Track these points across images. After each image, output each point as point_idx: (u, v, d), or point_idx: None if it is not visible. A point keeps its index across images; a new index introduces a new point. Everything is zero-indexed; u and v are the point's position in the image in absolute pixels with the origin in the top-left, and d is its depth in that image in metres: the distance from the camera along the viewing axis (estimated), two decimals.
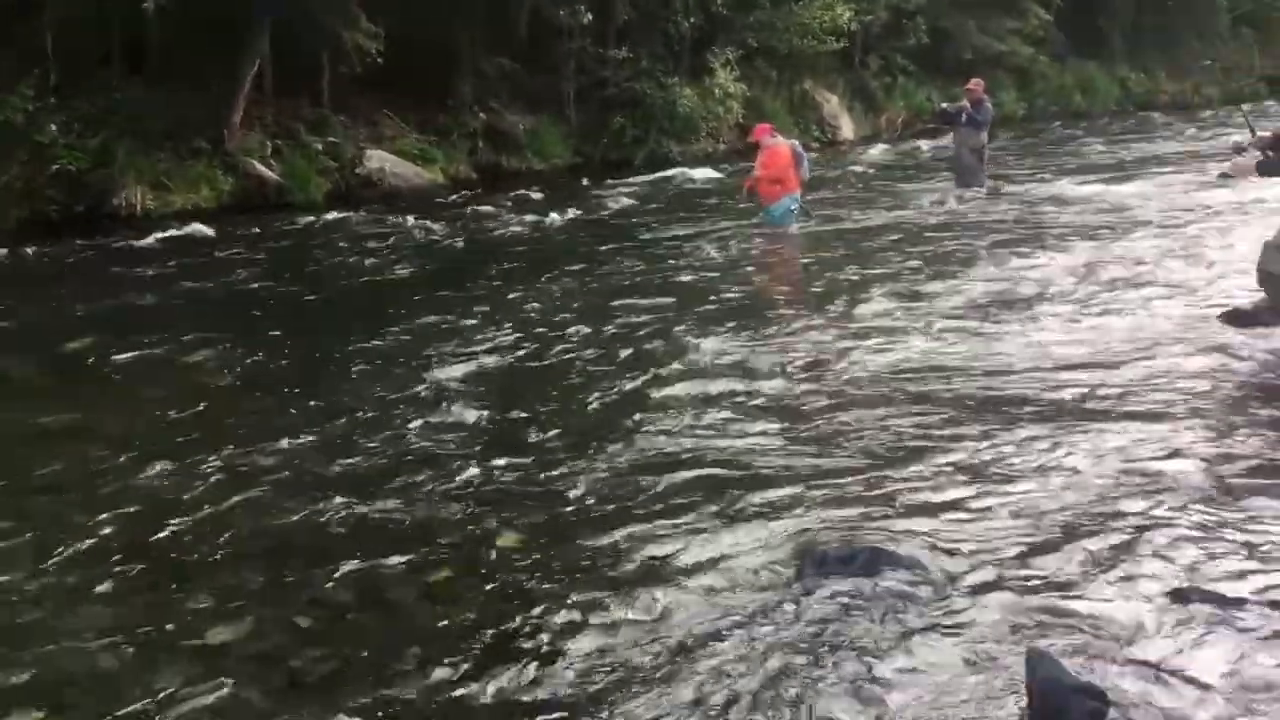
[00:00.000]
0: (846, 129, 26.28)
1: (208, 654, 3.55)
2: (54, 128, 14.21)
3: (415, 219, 14.14)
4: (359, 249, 12.12)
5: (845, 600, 3.61)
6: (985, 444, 4.99)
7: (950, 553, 3.89)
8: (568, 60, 21.03)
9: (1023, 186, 15.21)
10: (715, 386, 6.18)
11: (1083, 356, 6.42)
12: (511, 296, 9.20)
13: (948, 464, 4.78)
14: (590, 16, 19.79)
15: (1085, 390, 5.74)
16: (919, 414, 5.50)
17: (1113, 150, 20.99)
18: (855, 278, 9.25)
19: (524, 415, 5.89)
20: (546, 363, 7.04)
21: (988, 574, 3.75)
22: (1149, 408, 5.40)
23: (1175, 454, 4.73)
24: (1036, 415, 5.37)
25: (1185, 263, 9.23)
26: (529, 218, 14.13)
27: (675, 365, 6.72)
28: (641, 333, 7.68)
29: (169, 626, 3.72)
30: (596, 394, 6.22)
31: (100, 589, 4.02)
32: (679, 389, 6.18)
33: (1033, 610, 3.49)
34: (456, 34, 19.13)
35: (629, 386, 6.33)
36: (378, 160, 17.58)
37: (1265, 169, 6.69)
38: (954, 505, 4.34)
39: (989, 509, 4.28)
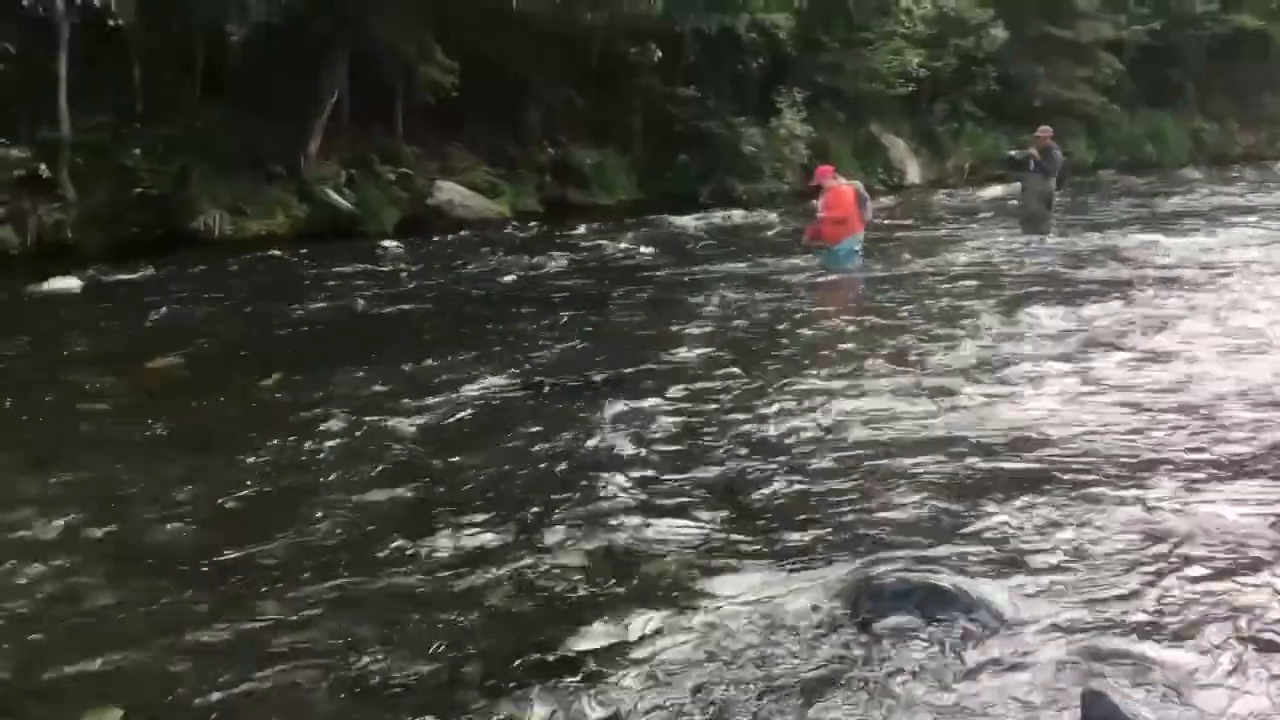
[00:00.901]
0: (913, 173, 26.26)
1: (271, 659, 3.65)
2: (138, 151, 14.68)
3: (479, 251, 14.42)
4: (425, 279, 12.34)
5: (901, 635, 3.62)
6: (1045, 488, 4.96)
7: (1007, 591, 3.88)
8: (635, 96, 21.30)
9: (1091, 235, 15.06)
10: (775, 426, 6.20)
11: (1152, 401, 6.36)
12: (564, 326, 9.42)
13: (1005, 506, 4.76)
14: (660, 54, 20.05)
15: (1153, 440, 5.69)
16: (976, 457, 5.48)
17: (1182, 201, 20.72)
18: (916, 325, 9.18)
19: (571, 445, 5.97)
20: (589, 394, 7.13)
21: (1045, 614, 3.73)
22: (1214, 458, 5.34)
23: (1242, 505, 4.68)
24: (1099, 462, 5.33)
25: (1261, 315, 9.08)
26: (588, 253, 14.34)
27: (741, 403, 6.77)
28: (706, 370, 7.74)
29: (240, 629, 3.84)
30: (651, 428, 6.27)
31: (168, 593, 4.15)
32: (744, 427, 6.22)
33: (1089, 651, 3.47)
34: (527, 68, 19.48)
35: (681, 421, 6.37)
36: (447, 192, 17.94)
37: None
38: (1012, 545, 4.33)
39: (1048, 550, 4.27)
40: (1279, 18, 34.40)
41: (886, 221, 16.05)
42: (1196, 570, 4.00)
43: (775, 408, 6.48)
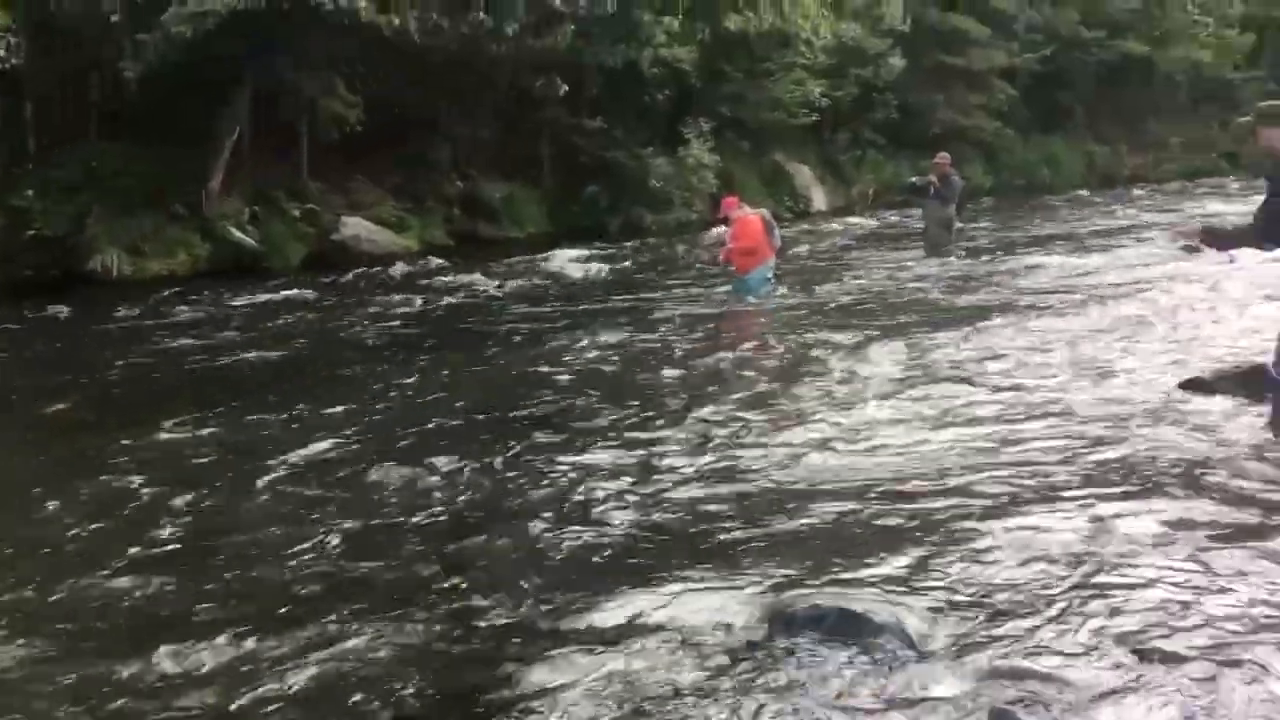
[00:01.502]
0: (818, 201, 26.74)
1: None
2: (30, 192, 14.29)
3: (378, 288, 14.34)
4: (318, 318, 12.19)
5: (813, 661, 3.65)
6: (951, 510, 5.06)
7: (919, 614, 3.94)
8: (543, 129, 21.38)
9: (990, 258, 15.48)
10: (689, 446, 6.26)
11: (1047, 424, 6.52)
12: (454, 365, 9.41)
13: (916, 528, 4.85)
14: (566, 88, 20.16)
15: (1049, 456, 5.84)
16: (885, 480, 5.58)
17: (1076, 222, 21.42)
18: (823, 347, 9.33)
19: (476, 483, 5.94)
20: (486, 431, 7.12)
21: (954, 635, 3.79)
22: (1111, 474, 5.49)
23: (1139, 519, 4.81)
24: (1000, 481, 5.45)
25: (1146, 331, 9.41)
26: (495, 285, 14.31)
27: (645, 430, 6.80)
28: (613, 400, 7.77)
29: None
30: (552, 463, 6.27)
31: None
32: (652, 453, 6.25)
33: (998, 671, 3.53)
34: (434, 102, 19.43)
35: (592, 454, 6.39)
36: (353, 227, 17.76)
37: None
38: (923, 568, 4.40)
39: (958, 572, 4.35)
40: (1162, 44, 35.88)
41: (792, 250, 16.29)
42: (1093, 588, 4.10)
43: (669, 442, 6.48)
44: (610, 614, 4.17)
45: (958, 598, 4.08)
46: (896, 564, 4.44)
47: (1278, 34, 41.64)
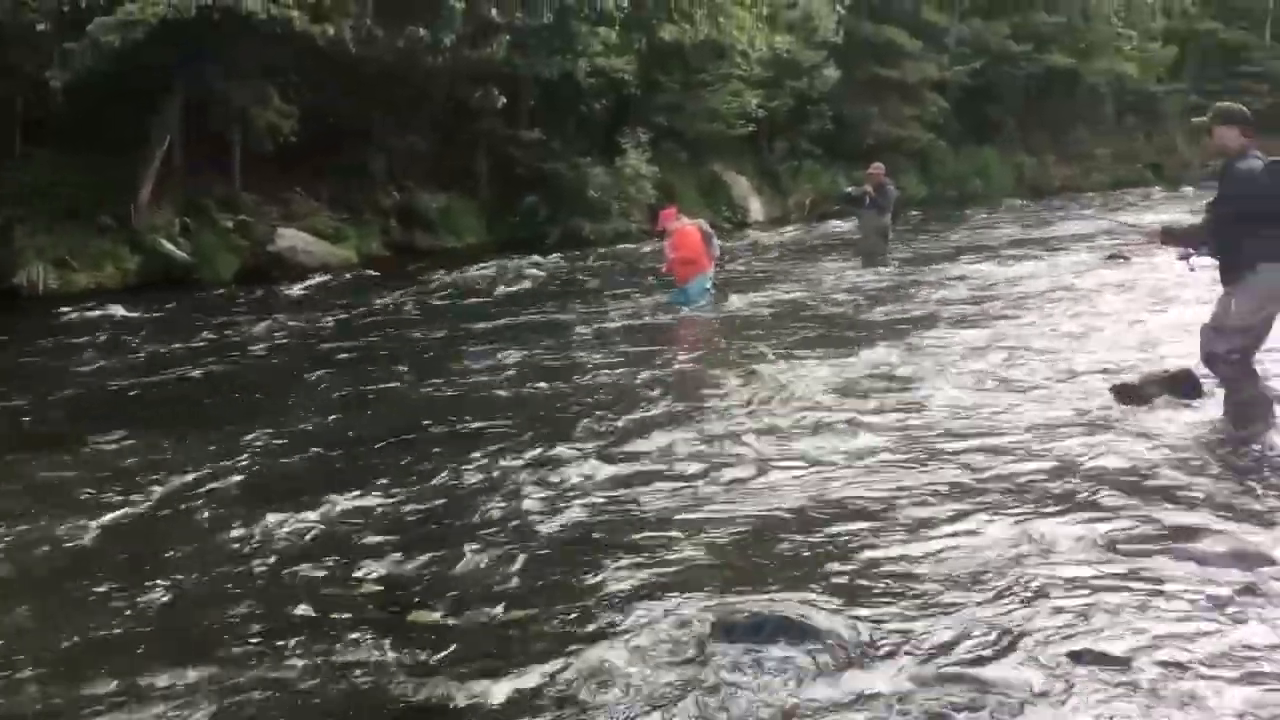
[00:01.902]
0: (756, 210, 26.91)
1: None
2: None
3: (312, 300, 14.19)
4: (247, 332, 11.94)
5: (752, 670, 3.67)
6: (885, 519, 5.12)
7: (856, 621, 3.98)
8: (480, 140, 21.30)
9: (925, 267, 15.70)
10: (620, 460, 6.27)
11: (981, 432, 6.62)
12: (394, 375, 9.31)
13: (852, 537, 4.89)
14: (503, 99, 20.12)
15: (983, 464, 5.93)
16: (819, 487, 5.63)
17: (1008, 232, 21.80)
18: (757, 359, 9.34)
19: (411, 494, 5.90)
20: (422, 443, 7.06)
21: (892, 641, 3.84)
22: (1044, 481, 5.59)
23: (1070, 525, 4.90)
24: (933, 489, 5.52)
25: (1076, 339, 9.60)
26: (428, 298, 14.22)
27: (585, 440, 6.79)
28: (550, 406, 7.76)
29: None
30: (499, 470, 6.25)
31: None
32: (591, 464, 6.25)
33: (934, 676, 3.58)
34: (370, 113, 19.28)
35: (529, 463, 6.38)
36: (289, 239, 17.53)
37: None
38: (859, 577, 4.45)
39: (894, 579, 4.40)
40: (1087, 57, 36.67)
41: (730, 260, 16.36)
42: (1027, 593, 4.18)
43: (599, 456, 6.45)
44: (548, 626, 4.16)
45: (894, 605, 4.13)
46: (833, 573, 4.48)
47: (1199, 47, 42.81)
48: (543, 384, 8.73)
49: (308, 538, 5.25)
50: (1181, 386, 7.11)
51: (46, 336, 11.74)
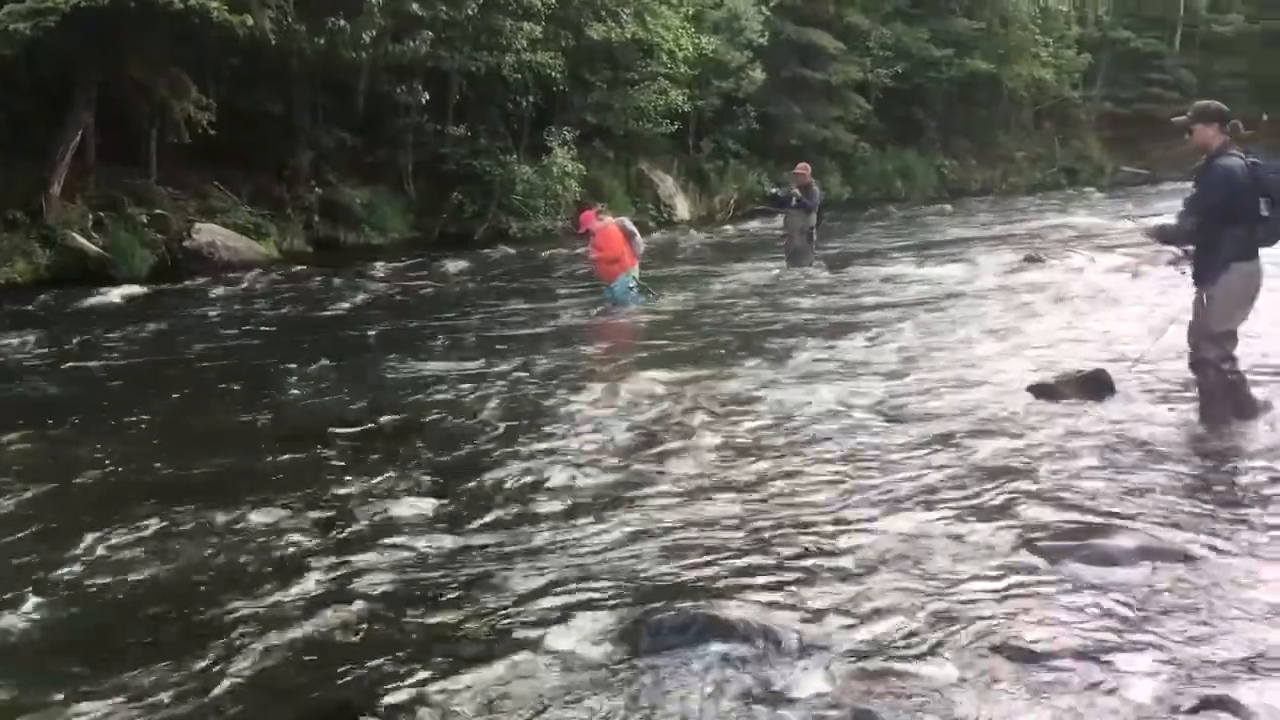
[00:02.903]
0: (682, 209, 27.03)
1: None
2: None
3: (231, 294, 13.86)
4: (159, 329, 11.67)
5: (678, 669, 3.69)
6: (807, 518, 5.17)
7: (782, 619, 4.01)
8: (406, 135, 21.09)
9: (848, 267, 15.89)
10: (540, 459, 6.25)
11: (896, 430, 6.69)
12: (307, 376, 9.14)
13: (774, 538, 4.93)
14: (428, 95, 19.93)
15: (903, 465, 6.00)
16: (741, 490, 5.66)
17: (931, 233, 22.17)
18: (680, 360, 9.34)
19: (322, 498, 5.82)
20: (337, 444, 6.97)
21: (818, 639, 3.87)
22: (959, 479, 5.68)
23: (986, 522, 4.99)
24: (854, 491, 5.58)
25: (994, 339, 9.78)
26: (354, 292, 14.04)
27: (509, 439, 6.76)
28: (469, 410, 7.71)
29: None
30: (424, 467, 6.20)
31: None
32: (505, 465, 6.23)
33: (859, 673, 3.63)
34: (293, 106, 18.97)
35: (448, 459, 6.33)
36: (208, 233, 17.18)
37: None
38: (785, 578, 4.48)
39: (819, 578, 4.44)
40: (1006, 62, 37.48)
41: (656, 259, 16.38)
42: (947, 591, 4.24)
43: (521, 459, 6.43)
44: (469, 626, 4.13)
45: (818, 604, 4.17)
46: (759, 574, 4.51)
47: (1111, 55, 44.00)
48: (464, 386, 8.66)
49: (216, 539, 5.16)
50: (1096, 387, 7.29)
51: None
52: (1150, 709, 3.36)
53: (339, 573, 4.70)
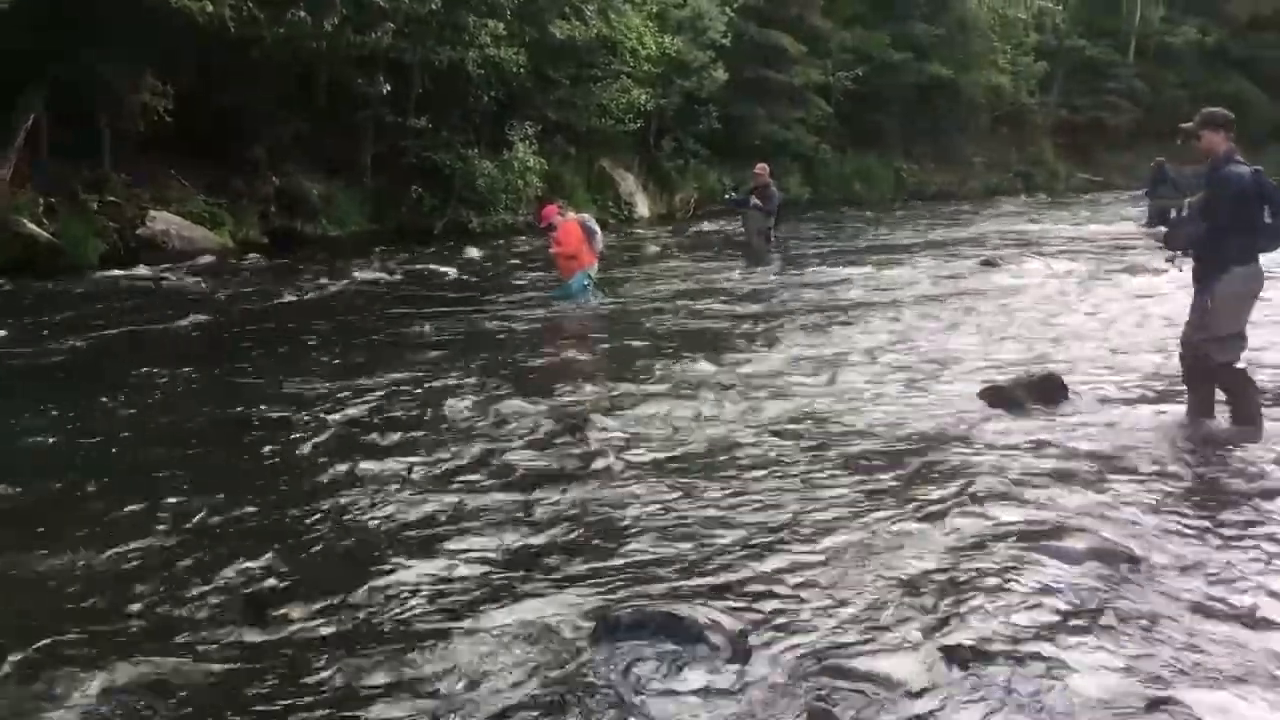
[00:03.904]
0: (642, 207, 27.05)
1: None
2: None
3: (183, 283, 13.74)
4: (74, 321, 11.36)
5: (636, 667, 3.70)
6: (763, 518, 5.20)
7: (740, 616, 4.04)
8: (366, 128, 20.93)
9: (806, 269, 15.98)
10: (498, 453, 6.26)
11: (849, 432, 6.76)
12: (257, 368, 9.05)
13: (731, 538, 4.95)
14: (389, 87, 19.78)
15: (853, 463, 6.06)
16: (703, 484, 5.70)
17: (888, 236, 22.34)
18: (638, 357, 9.40)
19: (283, 490, 5.79)
20: (305, 439, 6.92)
21: (775, 636, 3.91)
22: (912, 481, 5.74)
23: (939, 524, 5.05)
24: (805, 491, 5.63)
25: (948, 343, 9.88)
26: (306, 285, 13.93)
27: (466, 433, 6.75)
28: (422, 403, 7.67)
29: None
30: (369, 463, 6.17)
31: None
32: (462, 458, 6.22)
33: (816, 670, 3.66)
34: (250, 96, 18.75)
35: (399, 457, 6.31)
36: (162, 222, 16.96)
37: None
38: (742, 578, 4.50)
39: (779, 575, 4.48)
40: (965, 69, 37.86)
41: (615, 257, 16.41)
42: (903, 592, 4.29)
43: (487, 436, 6.46)
44: (422, 624, 4.12)
45: (776, 603, 4.20)
46: (716, 574, 4.53)
47: (1066, 63, 44.59)
48: (412, 390, 8.62)
49: (160, 530, 5.11)
50: (1048, 391, 7.39)
51: None
52: (1098, 709, 3.42)
53: (283, 558, 4.68)
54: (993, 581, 4.35)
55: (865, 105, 35.63)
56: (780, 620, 4.04)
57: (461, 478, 5.93)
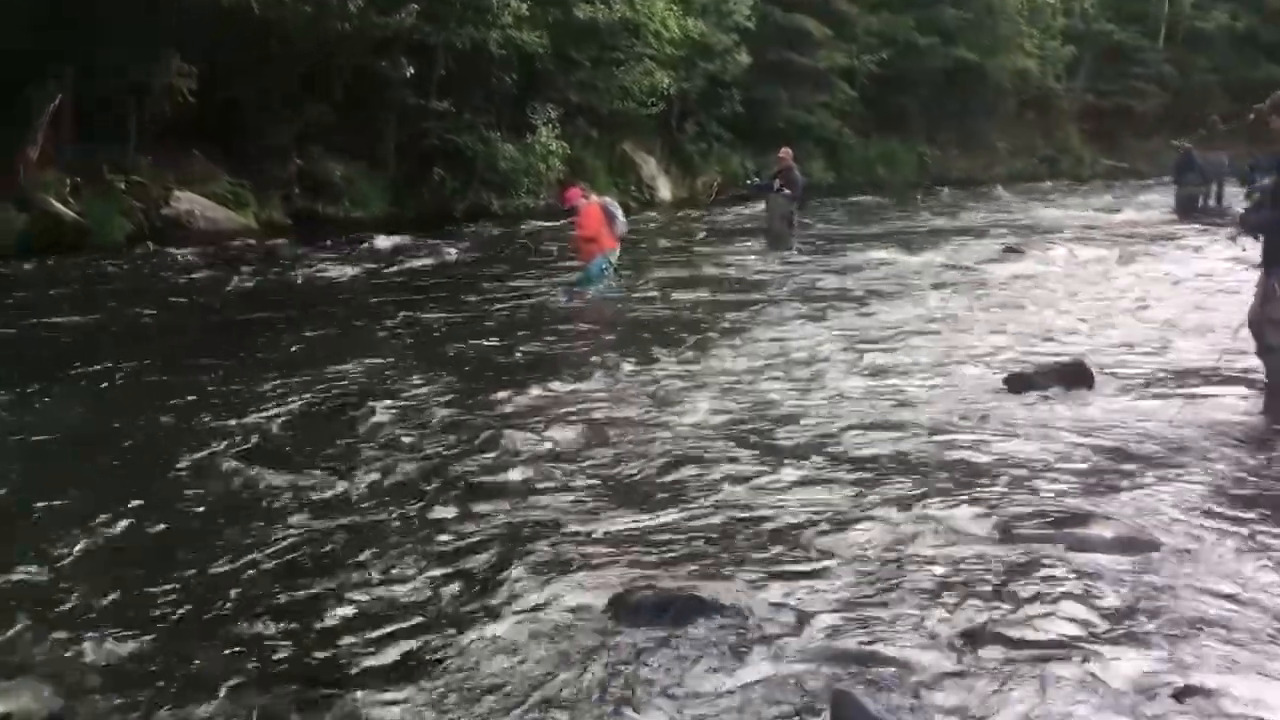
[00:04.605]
0: (664, 191, 26.98)
1: None
2: None
3: (209, 264, 13.76)
4: (92, 299, 11.44)
5: (658, 649, 3.70)
6: (786, 501, 5.18)
7: (762, 600, 4.03)
8: (388, 110, 20.93)
9: (828, 253, 15.91)
10: (521, 442, 6.23)
11: (874, 417, 6.72)
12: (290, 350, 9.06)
13: (754, 521, 4.94)
14: (412, 70, 19.76)
15: (880, 453, 6.02)
16: (718, 472, 5.67)
17: (912, 220, 22.21)
18: (657, 341, 9.34)
19: (305, 475, 5.78)
20: (322, 418, 6.93)
21: (797, 620, 3.90)
22: (937, 467, 5.71)
23: (963, 510, 5.01)
24: (832, 476, 5.60)
25: (973, 329, 9.82)
26: (330, 266, 13.94)
27: (471, 420, 6.75)
28: (441, 391, 7.68)
29: None
30: (394, 449, 6.18)
31: None
32: (478, 446, 6.22)
33: (840, 653, 3.65)
34: (275, 78, 18.78)
35: (420, 443, 6.32)
36: (187, 202, 17.05)
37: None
38: (765, 561, 4.49)
39: (801, 558, 4.47)
40: (992, 53, 37.51)
41: (637, 241, 16.34)
42: (925, 578, 4.26)
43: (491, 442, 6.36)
44: (446, 606, 4.13)
45: (798, 587, 4.19)
46: (738, 557, 4.52)
47: (1094, 47, 44.10)
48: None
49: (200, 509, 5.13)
50: (1074, 377, 7.34)
51: None
52: (1126, 696, 3.39)
53: (316, 537, 4.70)
54: (1017, 569, 4.32)
55: (890, 89, 35.35)
56: (802, 603, 4.03)
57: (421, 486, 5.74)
